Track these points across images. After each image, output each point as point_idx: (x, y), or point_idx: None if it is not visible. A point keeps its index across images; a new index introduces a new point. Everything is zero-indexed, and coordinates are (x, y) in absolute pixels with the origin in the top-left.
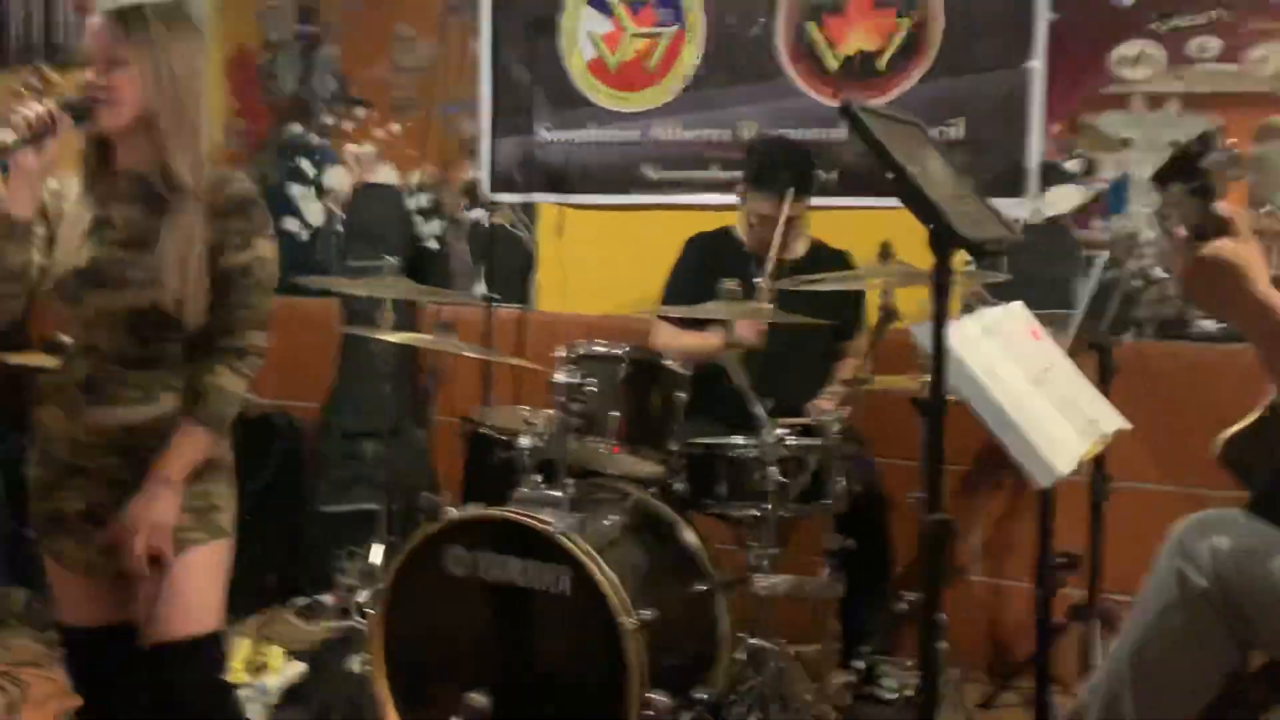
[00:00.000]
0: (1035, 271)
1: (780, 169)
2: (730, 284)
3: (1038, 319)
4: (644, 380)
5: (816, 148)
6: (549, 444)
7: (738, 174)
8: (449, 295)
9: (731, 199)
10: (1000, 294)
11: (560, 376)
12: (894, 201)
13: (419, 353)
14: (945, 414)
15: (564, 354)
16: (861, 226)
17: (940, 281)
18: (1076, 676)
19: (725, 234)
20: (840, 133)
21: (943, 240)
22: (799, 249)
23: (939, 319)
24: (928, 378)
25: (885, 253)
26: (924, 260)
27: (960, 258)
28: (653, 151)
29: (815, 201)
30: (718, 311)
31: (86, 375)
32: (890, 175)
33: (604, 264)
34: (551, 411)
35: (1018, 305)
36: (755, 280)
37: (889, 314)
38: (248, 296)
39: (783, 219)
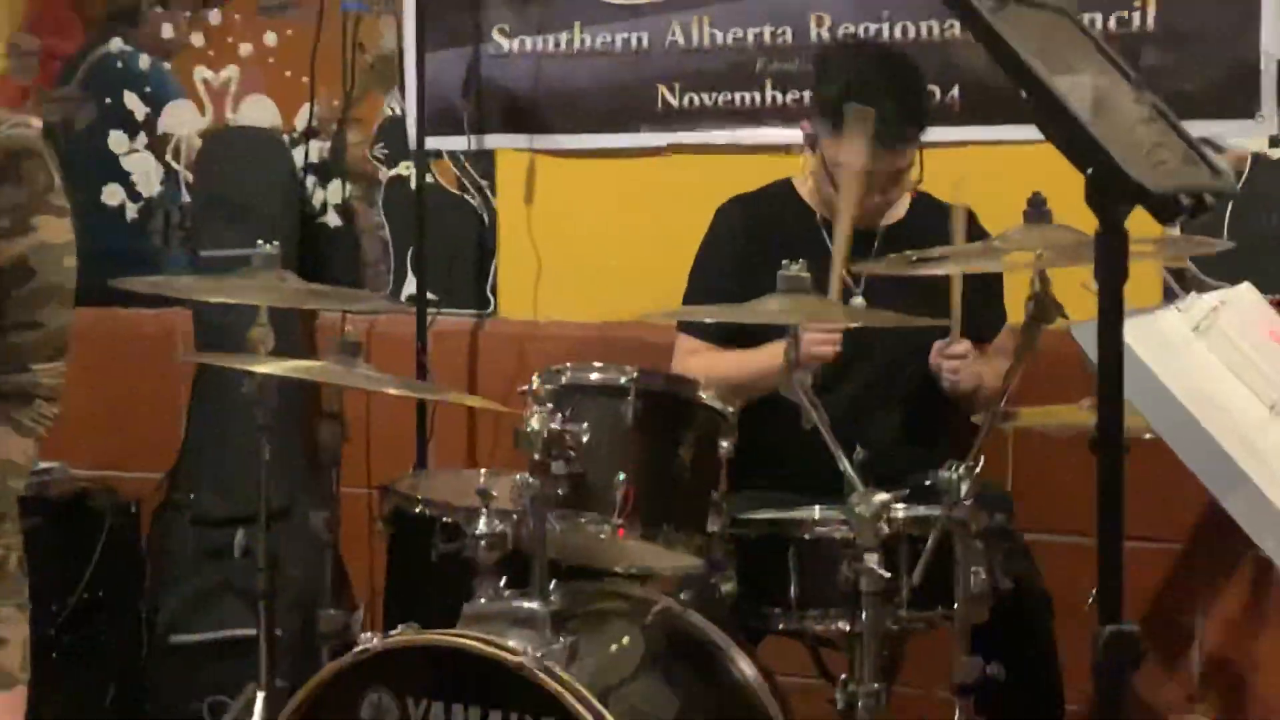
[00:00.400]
0: (1274, 235)
1: (878, 96)
2: (794, 269)
3: None
4: (665, 423)
5: (924, 51)
6: (519, 527)
7: (803, 98)
8: (358, 298)
9: (793, 136)
10: (1217, 271)
11: (534, 421)
12: None
13: (314, 391)
14: (1124, 458)
15: (538, 386)
16: (996, 170)
17: (1109, 256)
18: None
19: (782, 193)
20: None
21: (1108, 191)
22: (898, 208)
23: (1110, 315)
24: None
25: (1035, 211)
26: (1093, 221)
27: (1143, 218)
28: (672, 64)
29: (930, 135)
30: (775, 313)
31: None
32: (1024, 92)
33: (598, 243)
34: (521, 476)
35: (1246, 289)
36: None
37: (1044, 307)
38: (28, 310)
39: (876, 172)
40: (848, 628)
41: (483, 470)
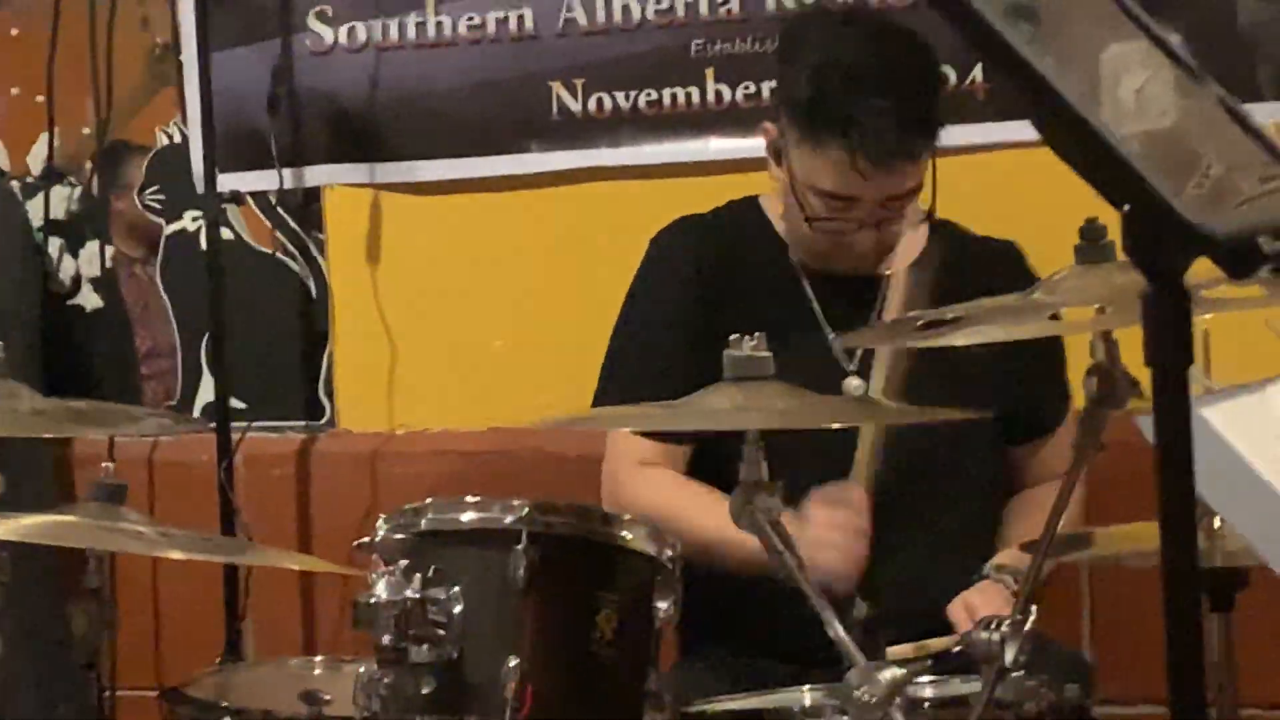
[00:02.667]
0: None
1: (870, 90)
2: (747, 345)
3: None
4: (574, 582)
5: (931, 22)
6: None
7: (760, 92)
8: (130, 416)
9: (751, 148)
10: None
11: (380, 588)
12: None
13: (69, 559)
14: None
15: (385, 535)
16: (1035, 185)
17: (1161, 324)
18: None
19: (747, 216)
20: None
21: (1153, 236)
22: (911, 246)
23: (1169, 405)
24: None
25: (1091, 246)
26: None
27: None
28: (571, 53)
29: (943, 137)
30: (721, 414)
31: None
32: (1022, 94)
33: (475, 315)
34: (367, 667)
35: None
36: (825, 331)
37: (1111, 385)
38: None
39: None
40: None
41: (318, 659)
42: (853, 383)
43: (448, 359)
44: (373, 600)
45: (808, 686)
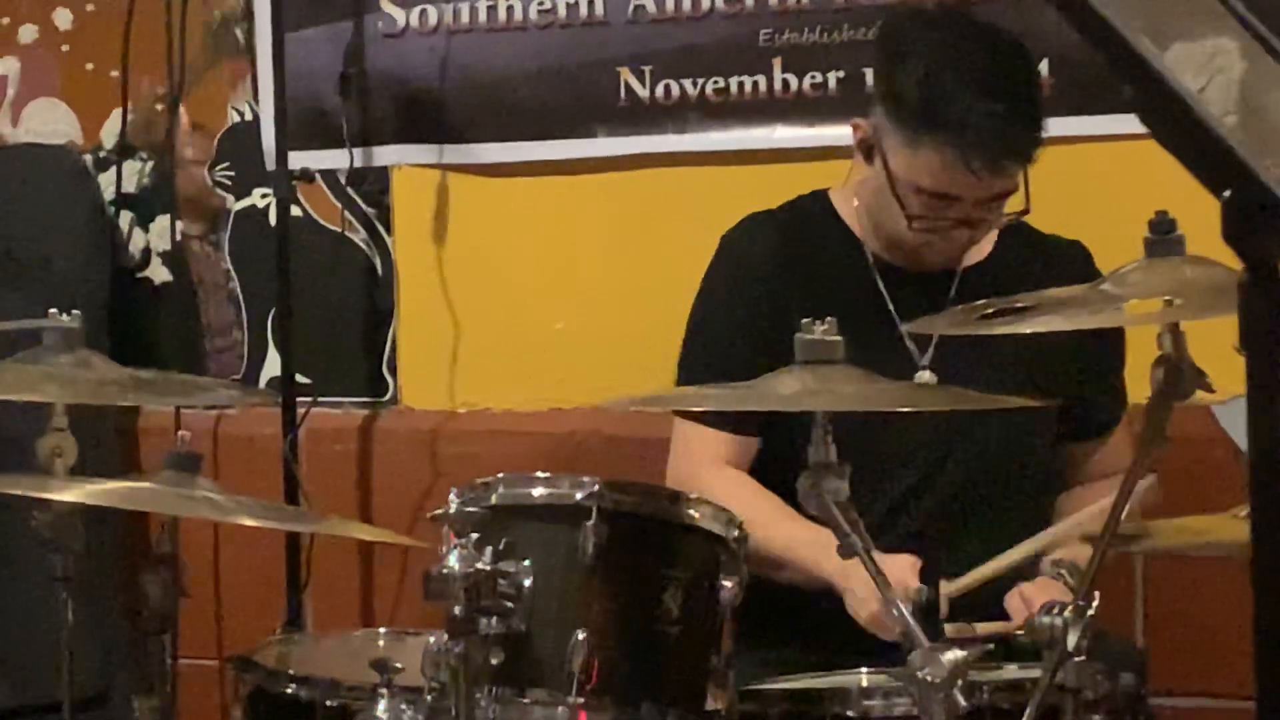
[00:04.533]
0: None
1: (982, 92)
2: (818, 330)
3: None
4: (642, 558)
5: (999, 14)
6: (435, 713)
7: (827, 84)
8: (198, 387)
9: (815, 138)
10: None
11: (451, 561)
12: None
13: (138, 526)
14: None
15: (457, 508)
16: (1103, 178)
17: (1259, 311)
18: None
19: (817, 211)
20: None
21: (1253, 221)
22: (982, 243)
23: (1263, 392)
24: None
25: (1161, 239)
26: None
27: None
28: (640, 41)
29: None
30: (791, 397)
31: None
32: (1125, 81)
33: (539, 296)
34: (437, 638)
35: None
36: (898, 325)
37: (1177, 377)
38: None
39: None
40: None
41: (382, 630)
42: (925, 375)
43: (510, 339)
44: (445, 571)
45: (866, 669)
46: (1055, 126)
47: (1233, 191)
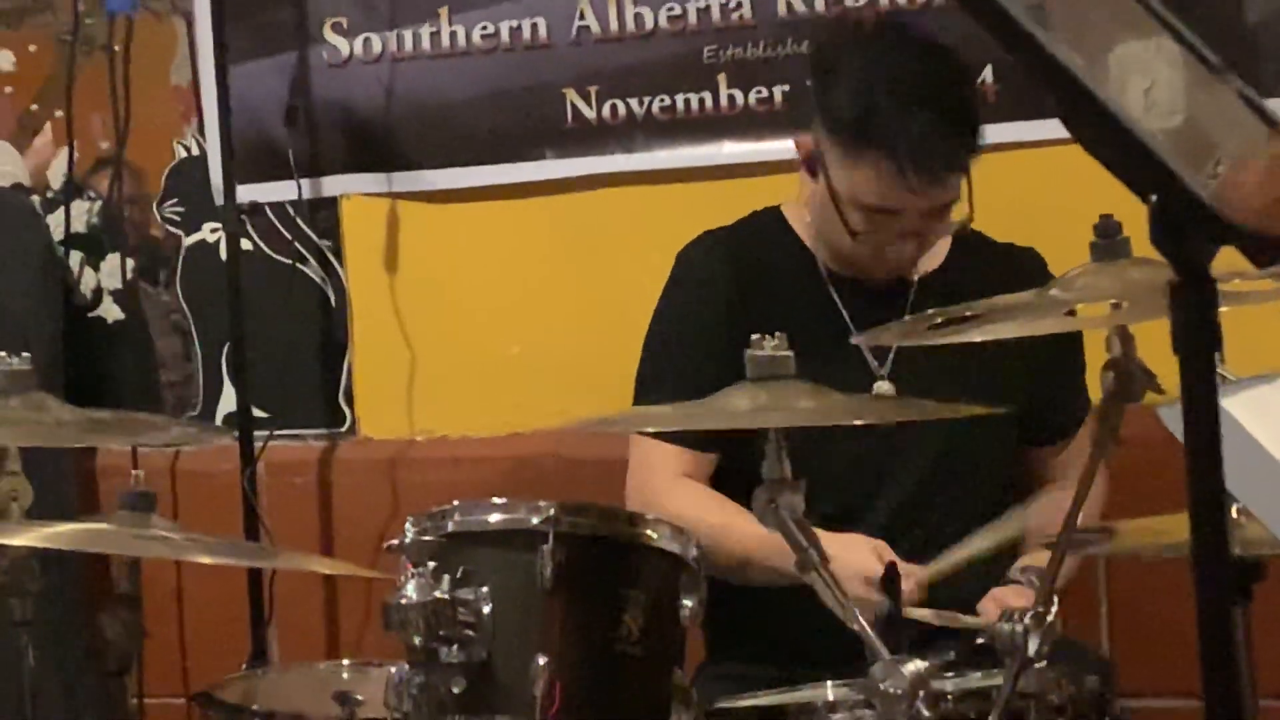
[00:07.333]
0: None
1: (914, 104)
2: (769, 345)
3: None
4: (601, 581)
5: (941, 24)
6: None
7: (772, 98)
8: (152, 426)
9: (763, 152)
10: None
11: (410, 590)
12: None
13: (98, 567)
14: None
15: (413, 537)
16: (1048, 184)
17: (1189, 315)
18: None
19: (771, 226)
20: None
21: (1179, 226)
22: (936, 253)
23: (1198, 394)
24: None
25: (1107, 241)
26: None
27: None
28: (584, 61)
29: None
30: (744, 415)
31: None
32: (1047, 88)
33: (493, 321)
34: (399, 668)
35: None
36: (849, 337)
37: (1128, 379)
38: None
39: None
40: None
41: (346, 662)
42: (883, 385)
43: (466, 365)
44: (403, 601)
45: (831, 682)
46: (1000, 133)
47: (1159, 196)
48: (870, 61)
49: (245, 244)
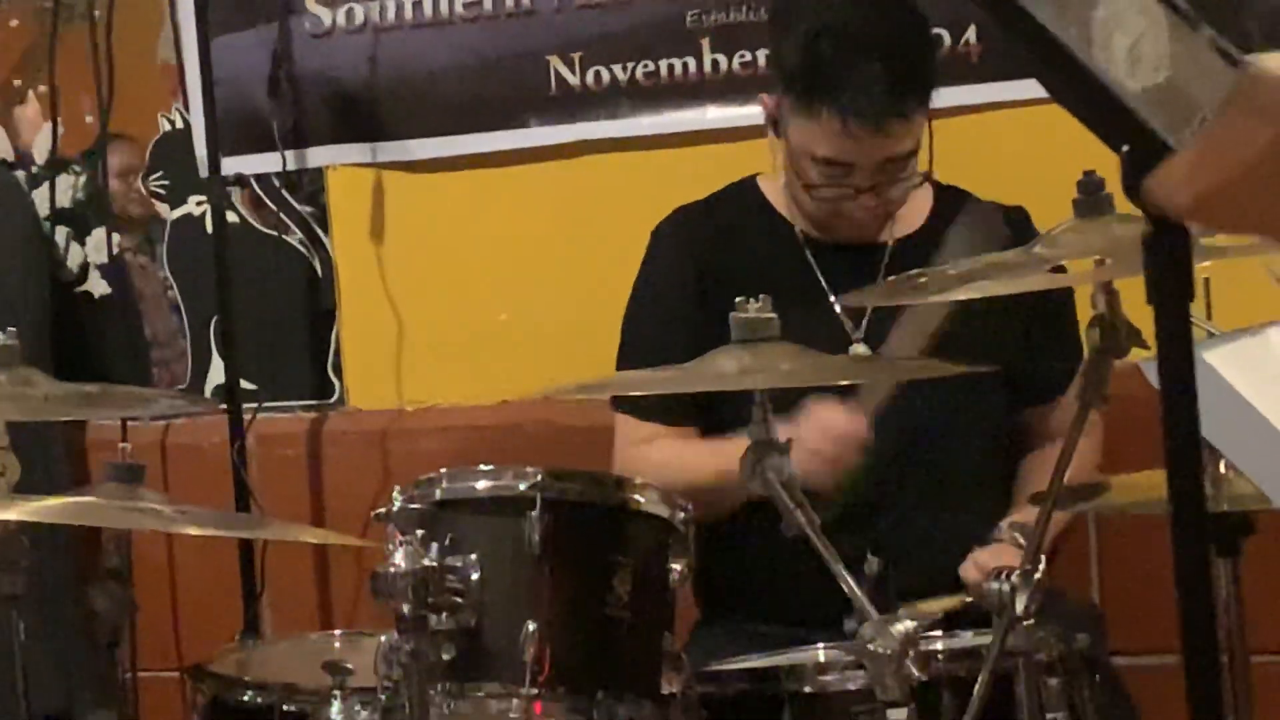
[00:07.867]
0: None
1: (860, 54)
2: (753, 308)
3: None
4: (588, 545)
5: None
6: (389, 712)
7: (756, 62)
8: (141, 399)
9: (749, 116)
10: None
11: (397, 558)
12: None
13: (88, 541)
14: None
15: (400, 506)
16: (1031, 143)
17: (1163, 266)
18: None
19: (746, 197)
20: None
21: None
22: (913, 213)
23: (1172, 346)
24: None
25: (1090, 198)
26: None
27: None
28: (568, 28)
29: (939, 99)
30: (729, 377)
31: None
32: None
33: (480, 290)
34: (388, 637)
35: None
36: (831, 300)
37: (1113, 335)
38: None
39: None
40: None
41: (338, 633)
42: (859, 349)
43: (454, 334)
44: (391, 570)
45: (822, 644)
46: (985, 93)
47: (1130, 147)
48: (820, 14)
49: (231, 216)
